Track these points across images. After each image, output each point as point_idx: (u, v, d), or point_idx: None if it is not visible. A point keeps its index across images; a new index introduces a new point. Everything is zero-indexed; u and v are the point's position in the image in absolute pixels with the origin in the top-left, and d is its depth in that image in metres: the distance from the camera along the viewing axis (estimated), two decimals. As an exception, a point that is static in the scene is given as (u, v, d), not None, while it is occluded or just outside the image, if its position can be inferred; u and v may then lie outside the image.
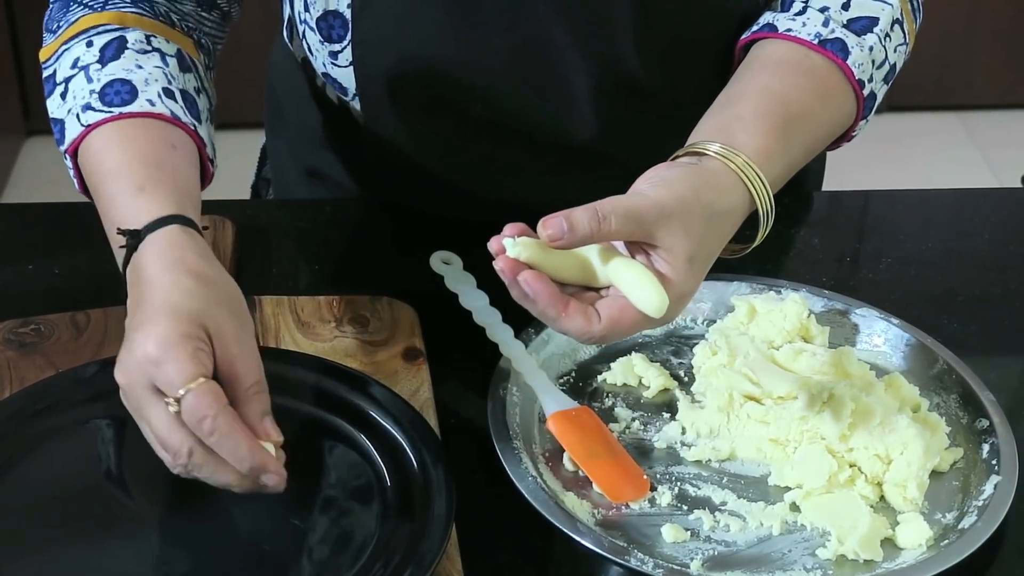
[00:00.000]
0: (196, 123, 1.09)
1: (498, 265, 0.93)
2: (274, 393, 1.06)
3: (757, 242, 1.05)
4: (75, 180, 1.11)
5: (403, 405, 1.06)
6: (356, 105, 1.29)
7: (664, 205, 0.95)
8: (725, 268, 1.20)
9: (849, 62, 1.13)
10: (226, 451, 0.90)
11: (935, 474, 1.05)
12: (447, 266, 1.21)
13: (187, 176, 1.05)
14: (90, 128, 1.06)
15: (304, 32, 1.27)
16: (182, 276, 0.96)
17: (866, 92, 1.14)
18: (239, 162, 1.80)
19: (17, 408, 1.05)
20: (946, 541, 0.99)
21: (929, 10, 1.27)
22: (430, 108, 1.27)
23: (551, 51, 1.22)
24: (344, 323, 1.17)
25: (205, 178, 1.12)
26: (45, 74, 1.13)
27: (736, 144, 1.02)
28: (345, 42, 1.24)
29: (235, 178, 1.64)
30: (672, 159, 1.04)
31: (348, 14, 1.22)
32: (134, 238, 0.98)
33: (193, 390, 0.89)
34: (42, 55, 1.14)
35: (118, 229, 1.00)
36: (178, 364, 0.90)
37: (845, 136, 1.18)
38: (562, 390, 1.12)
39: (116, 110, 1.06)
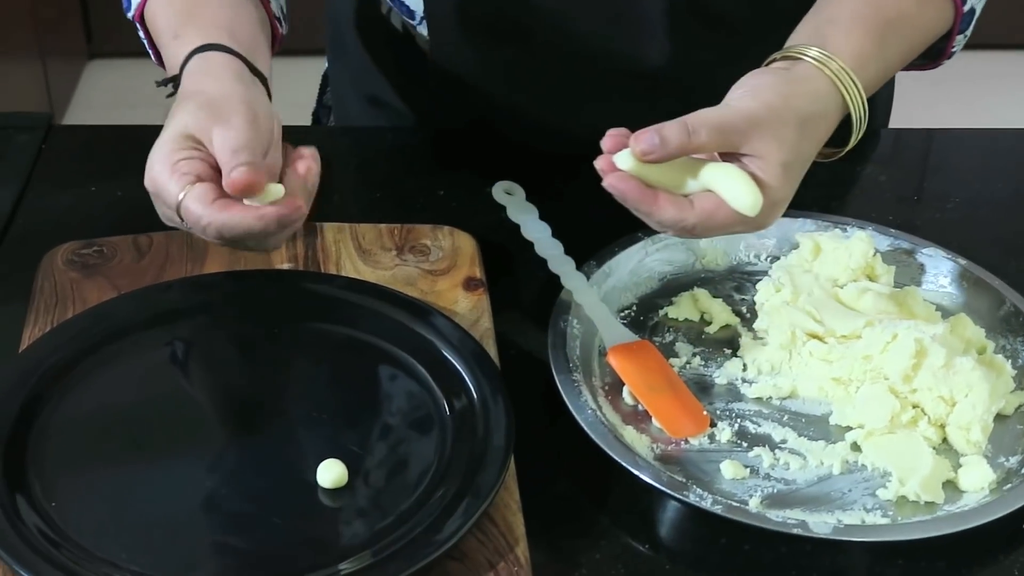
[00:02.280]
0: None
1: (598, 164, 0.96)
2: (336, 322, 1.07)
3: (851, 145, 1.05)
4: (150, 51, 1.14)
5: (463, 335, 1.05)
6: (422, 30, 1.28)
7: (753, 114, 0.96)
8: (791, 204, 1.18)
9: None
10: (240, 234, 0.94)
11: (999, 417, 1.04)
12: (510, 196, 1.21)
13: (222, 12, 1.07)
14: None
15: (371, -46, 1.26)
16: (178, 101, 1.00)
17: (966, 8, 1.13)
18: (300, 89, 1.80)
19: (79, 329, 1.05)
20: (1009, 485, 0.98)
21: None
22: (498, 33, 1.26)
23: None
24: (405, 251, 1.17)
25: (275, 39, 1.13)
26: None
27: (831, 48, 1.02)
28: None
29: (296, 105, 1.64)
30: (767, 63, 1.04)
31: None
32: (170, 84, 1.03)
33: (182, 200, 0.94)
34: None
35: (155, 81, 1.05)
36: (164, 189, 0.95)
37: (944, 53, 1.16)
38: (623, 323, 1.11)
39: None
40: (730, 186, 0.95)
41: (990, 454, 1.02)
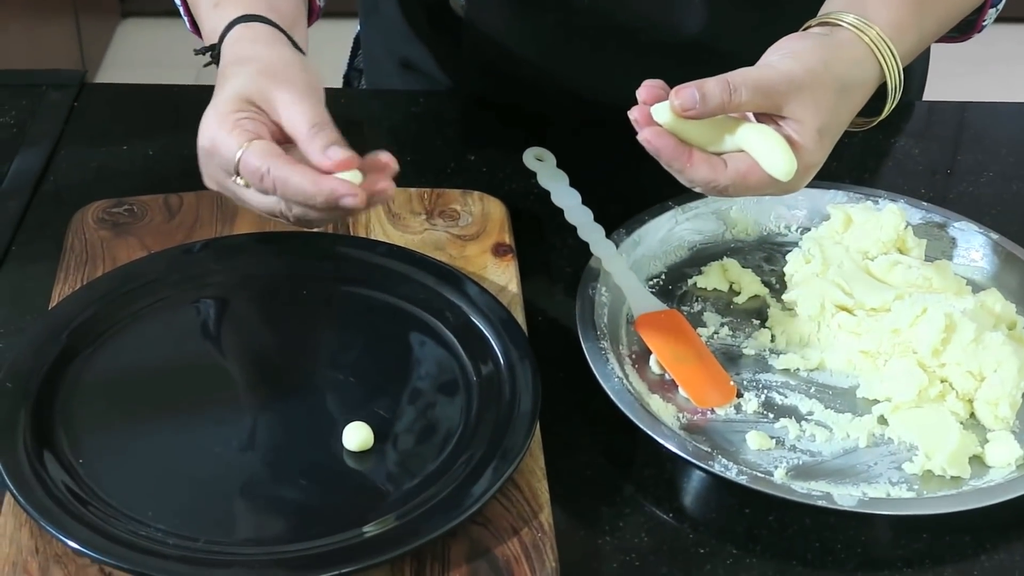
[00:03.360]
0: None
1: (632, 115, 0.95)
2: (364, 285, 1.07)
3: (884, 114, 1.04)
4: (185, 18, 1.13)
5: (491, 300, 1.05)
6: (458, -4, 1.28)
7: (794, 77, 0.95)
8: (822, 175, 1.18)
9: None
10: (294, 194, 0.91)
11: (1028, 393, 1.04)
12: (540, 163, 1.20)
13: None
14: None
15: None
16: (228, 66, 0.98)
17: None
18: (332, 51, 1.79)
19: (109, 287, 1.06)
20: (1036, 461, 0.98)
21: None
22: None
23: None
24: (435, 216, 1.17)
25: (312, 12, 1.13)
26: None
27: (869, 16, 1.01)
28: None
29: (327, 67, 1.63)
30: (804, 28, 1.03)
31: None
32: (210, 52, 1.02)
33: (242, 155, 0.91)
34: None
35: (194, 50, 1.03)
36: (224, 143, 0.93)
37: (976, 26, 1.15)
38: (651, 292, 1.11)
39: None
40: (766, 149, 0.95)
41: (1018, 430, 1.01)
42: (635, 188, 1.15)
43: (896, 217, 1.14)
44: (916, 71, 1.45)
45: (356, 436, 0.95)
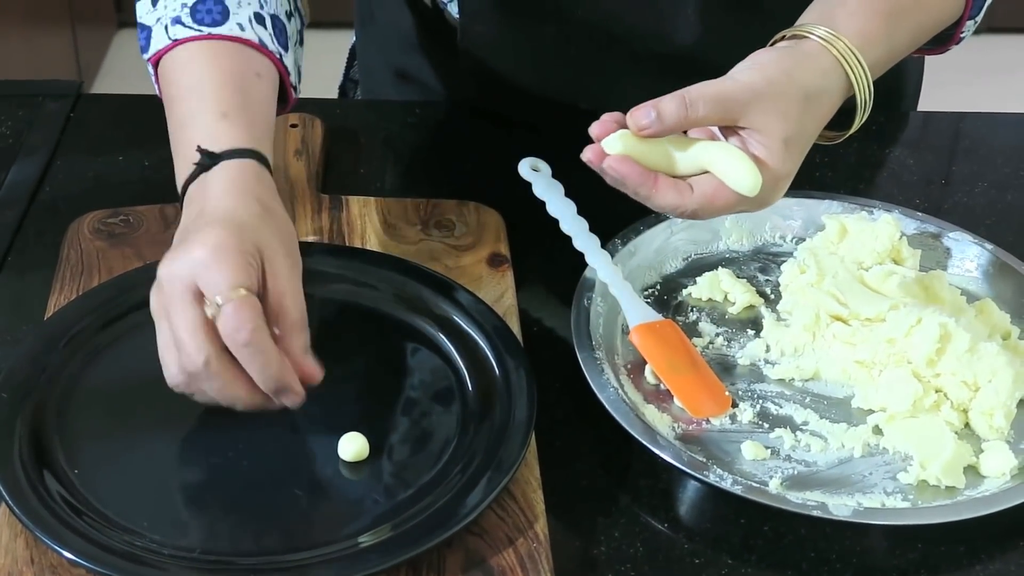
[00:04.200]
0: (283, 51, 1.08)
1: (585, 155, 0.94)
2: (359, 295, 1.07)
3: (854, 129, 1.04)
4: (156, 86, 1.11)
5: (487, 310, 1.05)
6: (452, 9, 1.28)
7: (755, 87, 0.95)
8: (817, 186, 1.18)
9: None
10: (256, 364, 0.89)
11: (1022, 403, 1.04)
12: (536, 173, 1.20)
13: (268, 110, 1.05)
14: (177, 43, 1.05)
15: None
16: (250, 201, 0.96)
17: None
18: (327, 62, 1.79)
19: (105, 297, 1.06)
20: (1031, 471, 0.98)
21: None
22: (528, 10, 1.26)
23: None
24: (430, 226, 1.17)
25: (287, 103, 1.11)
26: None
27: (838, 27, 1.01)
28: None
29: (323, 77, 1.64)
30: (772, 42, 1.03)
31: None
32: (211, 159, 0.98)
33: (236, 299, 0.89)
34: None
35: (198, 147, 0.99)
36: (228, 270, 0.90)
37: (953, 38, 1.15)
38: (646, 302, 1.11)
39: (206, 30, 1.05)
40: (728, 167, 0.94)
41: (1012, 440, 1.01)
42: (630, 199, 1.15)
43: (891, 227, 1.15)
44: (911, 81, 1.46)
45: (351, 446, 0.95)
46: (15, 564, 0.88)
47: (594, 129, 0.95)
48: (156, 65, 1.08)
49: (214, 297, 0.89)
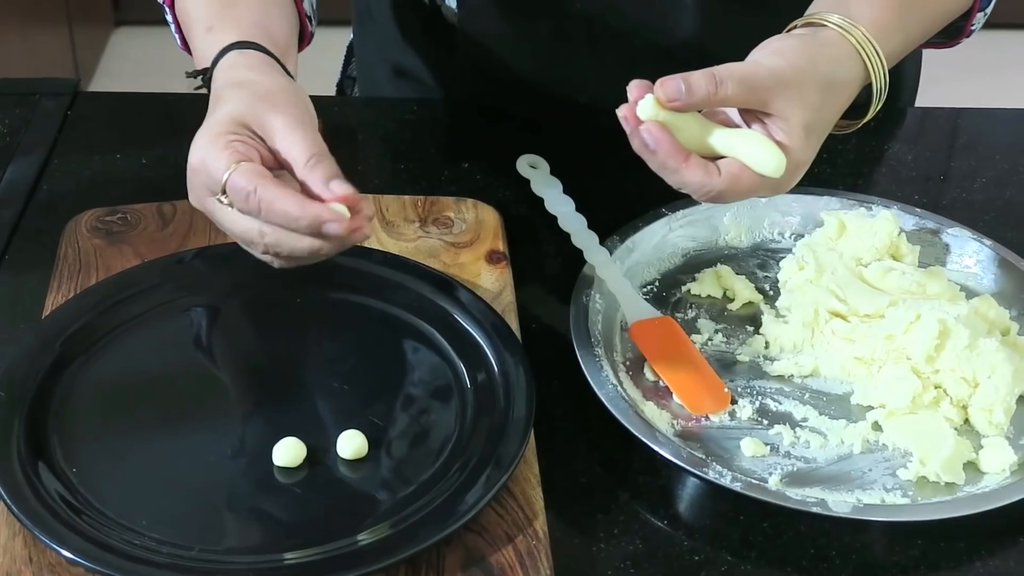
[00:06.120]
0: None
1: (621, 112, 0.93)
2: (358, 292, 1.07)
3: (868, 117, 1.04)
4: (176, 36, 1.12)
5: (485, 307, 1.05)
6: (451, 4, 1.28)
7: (780, 73, 0.95)
8: (816, 182, 1.18)
9: None
10: (278, 218, 0.89)
11: (1022, 399, 1.04)
12: (534, 170, 1.20)
13: (257, 9, 1.05)
14: None
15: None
16: (224, 90, 0.97)
17: None
18: (325, 59, 1.79)
19: (103, 296, 1.06)
20: (1030, 467, 0.98)
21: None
22: (528, 3, 1.25)
23: None
24: (428, 223, 1.17)
25: (304, 38, 1.12)
26: None
27: (854, 16, 1.01)
28: None
29: (321, 75, 1.64)
30: (788, 30, 1.03)
31: None
32: (204, 76, 1.01)
33: (230, 174, 0.90)
34: None
35: (186, 72, 1.02)
36: (214, 161, 0.91)
37: (964, 31, 1.15)
38: (645, 299, 1.11)
39: None
40: (751, 148, 0.94)
41: (1012, 436, 1.01)
42: (629, 195, 1.15)
43: (890, 223, 1.14)
44: (909, 77, 1.46)
45: (350, 444, 0.95)
46: (13, 563, 0.88)
47: (632, 91, 0.94)
48: (172, 8, 1.10)
49: (218, 192, 0.91)
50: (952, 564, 0.94)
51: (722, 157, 0.95)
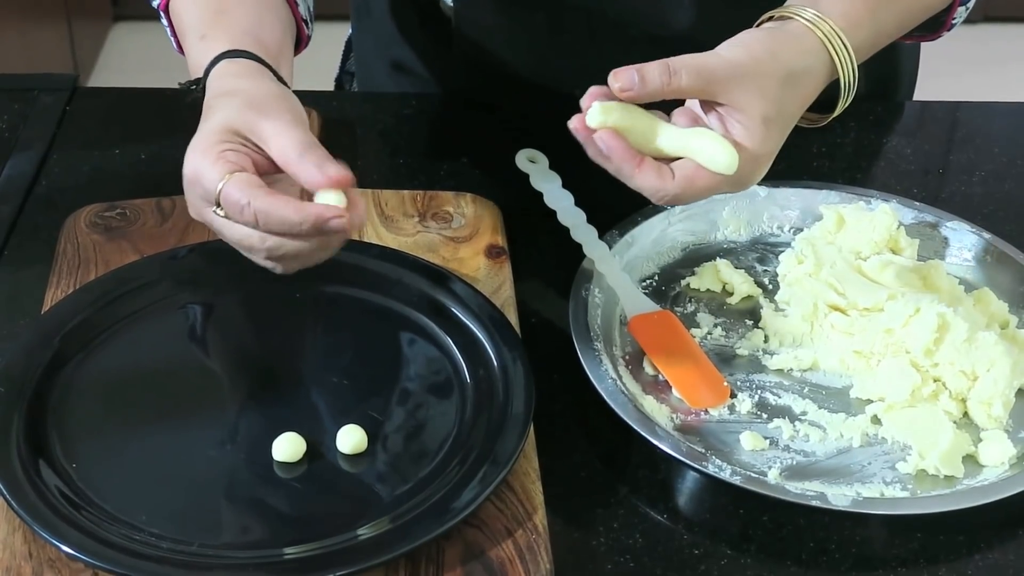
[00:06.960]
0: None
1: (572, 124, 0.94)
2: (357, 287, 1.07)
3: (837, 111, 1.03)
4: (172, 39, 1.12)
5: (484, 302, 1.05)
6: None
7: (737, 64, 0.95)
8: (814, 176, 1.18)
9: None
10: (278, 227, 0.90)
11: (1020, 392, 1.04)
12: (533, 164, 1.20)
13: (249, 16, 1.05)
14: None
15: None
16: (214, 99, 0.97)
17: None
18: (323, 54, 1.79)
19: (102, 291, 1.06)
20: (1029, 460, 0.98)
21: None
22: (523, -1, 1.26)
23: None
24: (427, 218, 1.17)
25: (301, 41, 1.12)
26: None
27: (824, 10, 1.00)
28: None
29: (319, 70, 1.64)
30: (759, 23, 1.03)
31: None
32: (196, 85, 1.01)
33: (223, 186, 0.90)
34: None
35: (179, 83, 1.02)
36: (207, 174, 0.91)
37: (945, 24, 1.15)
38: (644, 293, 1.11)
39: None
40: (703, 146, 0.93)
41: (1011, 429, 1.01)
42: (628, 189, 1.14)
43: (888, 217, 1.14)
44: (907, 71, 1.45)
45: (350, 439, 0.95)
46: (13, 559, 0.88)
47: (586, 100, 0.94)
48: (167, 12, 1.10)
49: (213, 203, 0.92)
50: (951, 557, 0.95)
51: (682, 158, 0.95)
